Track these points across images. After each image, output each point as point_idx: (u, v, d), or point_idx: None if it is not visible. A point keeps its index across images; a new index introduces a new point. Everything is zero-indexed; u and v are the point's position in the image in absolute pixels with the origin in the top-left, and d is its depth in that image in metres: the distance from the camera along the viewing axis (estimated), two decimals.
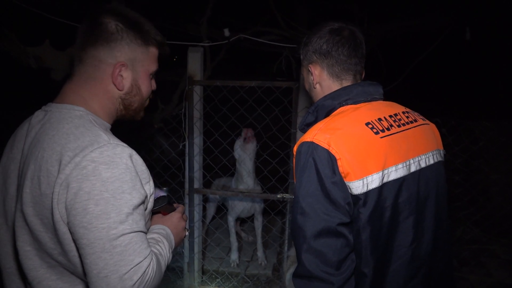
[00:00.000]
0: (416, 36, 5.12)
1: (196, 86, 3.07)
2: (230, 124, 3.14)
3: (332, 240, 1.18)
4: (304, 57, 1.45)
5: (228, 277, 3.56)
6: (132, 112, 1.24)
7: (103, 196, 0.97)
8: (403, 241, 1.28)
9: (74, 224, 0.97)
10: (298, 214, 1.22)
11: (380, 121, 1.30)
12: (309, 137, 1.25)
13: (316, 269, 1.16)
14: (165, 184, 3.27)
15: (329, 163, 1.19)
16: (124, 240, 0.98)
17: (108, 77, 1.14)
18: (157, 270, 1.06)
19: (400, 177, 1.26)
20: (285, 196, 3.03)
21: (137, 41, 1.16)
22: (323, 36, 1.38)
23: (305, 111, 2.96)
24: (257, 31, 3.64)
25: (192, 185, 3.18)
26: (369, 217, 1.22)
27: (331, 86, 1.41)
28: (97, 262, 0.96)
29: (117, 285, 0.96)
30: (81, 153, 0.99)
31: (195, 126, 3.11)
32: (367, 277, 1.24)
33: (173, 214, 1.31)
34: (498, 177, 3.82)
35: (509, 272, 3.67)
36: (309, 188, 1.20)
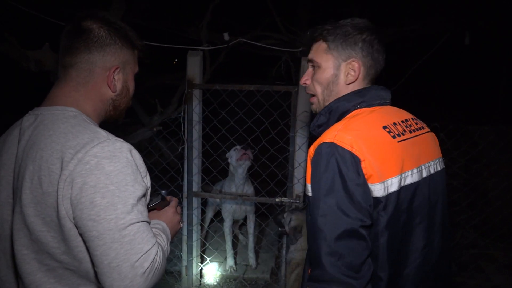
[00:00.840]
0: (415, 40, 5.14)
1: (195, 89, 3.07)
2: (229, 127, 3.15)
3: (354, 242, 1.16)
4: (343, 47, 1.35)
5: (226, 280, 3.55)
6: (119, 112, 1.29)
7: (109, 189, 1.00)
8: (416, 245, 1.29)
9: (81, 218, 1.00)
10: (318, 216, 1.19)
11: (395, 125, 1.30)
12: (329, 138, 1.22)
13: (337, 273, 1.13)
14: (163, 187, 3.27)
15: (353, 165, 1.18)
16: (132, 229, 1.01)
17: (103, 80, 1.19)
18: (163, 258, 1.09)
19: (415, 181, 1.28)
20: (284, 200, 3.03)
21: (127, 44, 1.22)
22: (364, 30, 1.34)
23: (304, 115, 2.97)
24: (256, 35, 3.66)
25: (190, 188, 3.19)
26: (388, 221, 1.22)
27: (355, 87, 1.38)
28: (108, 253, 0.99)
29: (129, 273, 0.99)
30: (83, 149, 1.02)
31: (194, 129, 3.12)
32: (382, 281, 1.24)
33: (167, 208, 1.33)
34: (497, 181, 3.82)
35: (508, 277, 3.66)
36: (331, 189, 1.18)
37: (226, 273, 3.69)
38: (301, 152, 3.03)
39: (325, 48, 1.37)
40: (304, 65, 2.97)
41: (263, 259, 4.00)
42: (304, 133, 3.02)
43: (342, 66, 1.36)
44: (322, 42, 1.38)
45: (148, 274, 1.02)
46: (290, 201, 3.03)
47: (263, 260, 4.00)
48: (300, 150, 3.02)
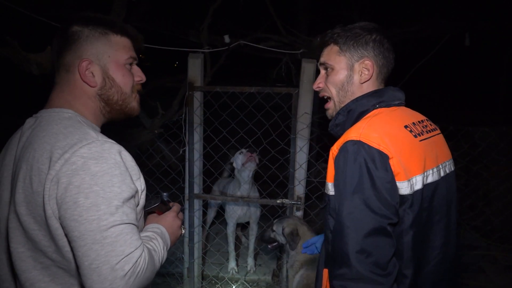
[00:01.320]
0: (416, 42, 5.15)
1: (196, 92, 3.08)
2: (230, 130, 3.16)
3: (382, 240, 1.16)
4: (354, 48, 1.38)
5: (228, 282, 3.56)
6: (117, 106, 1.24)
7: (93, 189, 1.00)
8: (436, 243, 1.31)
9: (65, 218, 1.00)
10: (345, 214, 1.19)
11: (415, 125, 1.33)
12: (354, 136, 1.23)
13: (366, 270, 1.13)
14: (165, 190, 3.28)
15: (382, 162, 1.18)
16: (115, 231, 1.00)
17: (79, 77, 1.17)
18: (149, 262, 1.07)
19: (435, 180, 1.30)
20: (285, 202, 3.03)
21: (95, 34, 1.17)
22: (374, 31, 1.37)
23: (304, 116, 2.98)
24: (257, 38, 3.67)
25: (192, 190, 3.19)
26: (414, 219, 1.23)
27: (369, 87, 1.40)
28: (89, 254, 0.97)
29: (109, 276, 0.97)
30: (70, 150, 1.02)
31: (195, 131, 3.13)
32: (407, 278, 1.25)
33: (168, 213, 1.32)
34: (497, 183, 3.83)
35: (510, 278, 3.66)
36: (358, 187, 1.18)
37: (227, 275, 3.69)
38: (302, 154, 3.04)
39: (337, 50, 1.40)
40: (304, 67, 2.98)
41: (265, 261, 4.00)
42: (305, 134, 3.03)
43: (355, 66, 1.39)
44: (333, 45, 1.41)
45: (129, 277, 0.99)
46: (291, 203, 3.03)
47: (265, 261, 4.00)
48: (301, 152, 3.03)
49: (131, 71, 1.26)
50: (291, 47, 3.67)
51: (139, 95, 1.31)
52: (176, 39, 3.99)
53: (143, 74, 1.30)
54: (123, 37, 1.22)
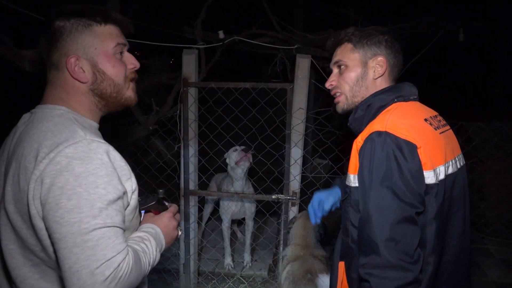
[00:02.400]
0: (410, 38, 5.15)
1: (190, 88, 3.08)
2: (225, 125, 3.16)
3: (410, 228, 1.18)
4: (368, 45, 1.43)
5: (224, 278, 3.57)
6: (112, 99, 1.20)
7: (76, 191, 0.97)
8: (455, 232, 1.35)
9: (47, 219, 0.98)
10: (373, 203, 1.21)
11: (432, 119, 1.37)
12: (380, 127, 1.26)
13: (395, 258, 1.15)
14: (160, 186, 3.28)
15: (410, 152, 1.21)
16: (96, 234, 0.97)
17: (69, 74, 1.14)
18: (134, 266, 1.04)
19: (454, 171, 1.35)
20: (280, 197, 3.04)
21: (78, 27, 1.13)
22: (386, 33, 1.44)
23: (299, 112, 2.99)
24: (251, 33, 3.66)
25: (187, 186, 3.20)
26: (438, 208, 1.26)
27: (382, 84, 1.44)
28: (69, 257, 0.95)
29: (88, 280, 0.95)
30: (56, 149, 1.00)
31: (190, 128, 3.13)
32: (431, 265, 1.27)
33: (164, 213, 1.29)
34: (491, 177, 3.85)
35: (504, 271, 3.69)
36: (386, 176, 1.20)
37: (223, 271, 3.70)
38: (297, 149, 3.05)
39: (351, 48, 1.46)
40: (299, 62, 2.99)
41: (261, 256, 4.02)
42: (300, 130, 3.03)
43: (369, 63, 1.44)
44: (347, 43, 1.47)
45: (110, 282, 0.97)
46: (286, 198, 3.04)
47: (261, 257, 4.01)
48: (296, 147, 3.03)
49: (122, 60, 1.21)
50: (286, 43, 3.66)
51: (135, 83, 1.26)
52: (171, 35, 3.97)
53: (136, 61, 1.24)
54: (107, 25, 1.17)
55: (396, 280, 1.13)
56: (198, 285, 3.46)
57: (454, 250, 1.35)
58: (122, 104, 1.24)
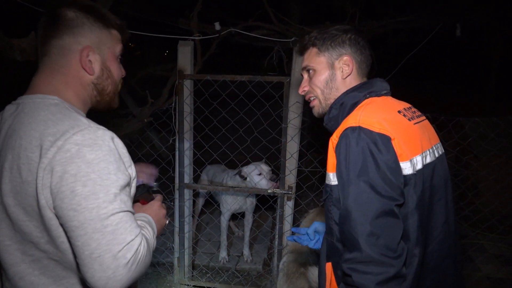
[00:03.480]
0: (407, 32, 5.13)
1: (186, 80, 3.04)
2: (220, 119, 3.12)
3: (390, 221, 1.17)
4: (332, 47, 1.45)
5: (219, 272, 3.55)
6: (106, 97, 1.24)
7: (90, 177, 0.97)
8: (438, 221, 1.35)
9: (62, 208, 0.97)
10: (351, 199, 1.21)
11: (406, 110, 1.38)
12: (354, 122, 1.26)
13: (377, 253, 1.14)
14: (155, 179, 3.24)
15: (384, 144, 1.21)
16: (115, 219, 0.98)
17: (77, 63, 1.15)
18: (148, 250, 1.06)
19: (433, 160, 1.35)
20: (276, 191, 3.02)
21: (98, 24, 1.17)
22: (350, 31, 1.45)
23: (296, 106, 2.96)
24: (248, 26, 3.62)
25: (182, 180, 3.17)
26: (418, 199, 1.26)
27: (352, 82, 1.46)
28: (89, 243, 0.95)
29: (111, 264, 0.95)
30: (63, 137, 0.99)
31: (185, 120, 3.09)
32: (416, 257, 1.26)
33: (153, 202, 1.31)
34: (487, 173, 3.85)
35: (497, 267, 3.71)
36: (363, 171, 1.20)
37: (218, 265, 3.69)
38: (293, 143, 3.03)
39: (316, 52, 1.47)
40: (296, 55, 2.95)
41: (256, 250, 4.01)
42: (296, 124, 3.01)
43: (335, 64, 1.46)
44: (312, 48, 1.49)
45: (132, 265, 0.98)
46: (282, 192, 3.02)
47: (256, 251, 4.00)
48: (292, 141, 3.01)
49: (119, 64, 1.27)
50: (283, 35, 3.63)
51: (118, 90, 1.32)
52: (166, 26, 3.92)
53: (124, 70, 1.30)
54: (117, 30, 1.23)
55: (378, 275, 1.13)
56: (193, 278, 3.44)
57: (439, 239, 1.35)
58: (109, 105, 1.28)
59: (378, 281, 1.13)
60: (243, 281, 3.46)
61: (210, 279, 3.45)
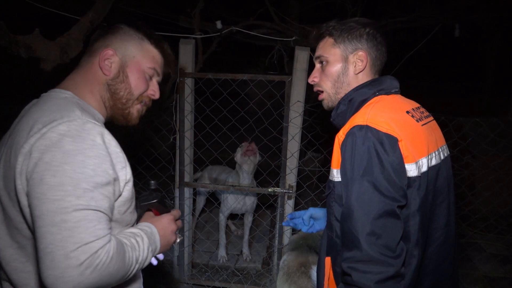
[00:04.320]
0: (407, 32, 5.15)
1: (187, 78, 3.03)
2: (221, 117, 3.12)
3: (391, 222, 1.17)
4: (349, 40, 1.41)
5: (218, 270, 3.55)
6: (120, 104, 1.21)
7: (62, 168, 0.93)
8: (439, 224, 1.35)
9: (30, 195, 0.95)
10: (354, 198, 1.20)
11: (414, 111, 1.37)
12: (361, 120, 1.25)
13: (376, 252, 1.14)
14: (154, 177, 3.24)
15: (391, 145, 1.20)
16: (77, 216, 0.92)
17: (97, 61, 1.18)
18: (115, 257, 0.97)
19: (438, 163, 1.34)
20: (276, 190, 3.02)
21: (131, 34, 1.21)
22: (368, 25, 1.41)
23: (297, 105, 2.96)
24: (249, 24, 3.62)
25: (182, 178, 3.16)
26: (421, 201, 1.25)
27: (364, 78, 1.43)
28: (45, 236, 0.90)
29: (61, 263, 0.89)
30: (49, 125, 0.98)
31: (186, 119, 3.09)
32: (415, 258, 1.27)
33: (165, 215, 1.26)
34: (485, 173, 3.88)
35: (494, 266, 3.74)
36: (367, 170, 1.19)
37: (217, 263, 3.69)
38: (294, 142, 3.03)
39: (332, 42, 1.43)
40: (297, 54, 2.95)
41: (255, 249, 4.01)
42: (297, 123, 3.01)
43: (349, 58, 1.42)
44: (328, 37, 1.44)
45: (86, 268, 0.90)
46: (282, 191, 3.03)
47: (255, 250, 4.01)
48: (293, 140, 3.01)
49: (148, 82, 1.25)
50: (284, 34, 3.63)
51: (143, 109, 1.29)
52: (167, 24, 3.91)
53: (158, 92, 1.28)
54: (156, 49, 1.25)
55: (378, 274, 1.14)
56: (192, 277, 3.44)
57: (439, 242, 1.35)
58: (124, 116, 1.25)
59: (377, 280, 1.13)
60: (242, 279, 3.46)
61: (210, 278, 3.45)
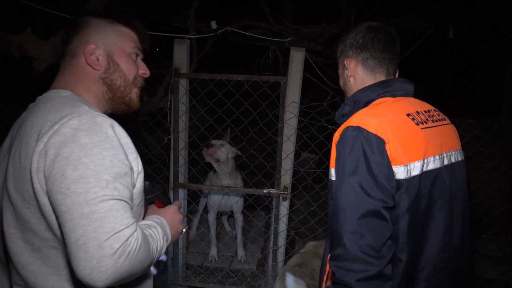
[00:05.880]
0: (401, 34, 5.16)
1: (182, 79, 3.01)
2: (216, 118, 3.10)
3: (376, 222, 1.19)
4: (340, 53, 1.55)
5: (213, 272, 3.53)
6: (119, 93, 1.23)
7: (82, 161, 0.94)
8: (436, 230, 1.34)
9: (52, 191, 0.95)
10: (342, 196, 1.23)
11: (418, 114, 1.38)
12: (355, 122, 1.28)
13: (359, 251, 1.16)
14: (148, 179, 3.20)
15: (378, 147, 1.23)
16: (104, 206, 0.94)
17: (83, 61, 1.18)
18: (143, 245, 1.00)
19: (436, 168, 1.34)
20: (271, 191, 3.01)
21: (103, 23, 1.21)
22: (360, 32, 1.48)
23: (292, 106, 2.95)
24: (244, 25, 3.61)
25: (177, 179, 3.14)
26: (410, 204, 1.26)
27: (364, 79, 1.48)
28: (76, 229, 0.91)
29: (96, 253, 0.90)
30: (60, 121, 0.99)
31: (180, 119, 3.07)
32: (402, 262, 1.28)
33: (170, 206, 1.30)
34: (480, 174, 3.89)
35: (489, 267, 3.74)
36: (355, 170, 1.22)
37: (212, 265, 3.67)
38: (289, 144, 3.02)
39: (338, 56, 1.59)
40: (293, 55, 2.94)
41: (250, 250, 4.00)
42: (293, 124, 3.00)
43: (343, 66, 1.55)
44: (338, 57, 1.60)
45: (119, 257, 0.92)
46: (278, 192, 3.01)
47: (250, 251, 3.99)
48: (288, 141, 3.00)
49: (135, 62, 1.26)
50: (278, 35, 3.62)
51: (139, 90, 1.31)
52: (162, 24, 3.89)
53: (147, 69, 1.30)
54: (130, 29, 1.25)
55: (360, 273, 1.16)
56: (186, 279, 3.42)
57: (436, 249, 1.34)
58: (125, 103, 1.27)
59: (358, 279, 1.16)
60: (237, 281, 3.44)
61: (204, 280, 3.43)
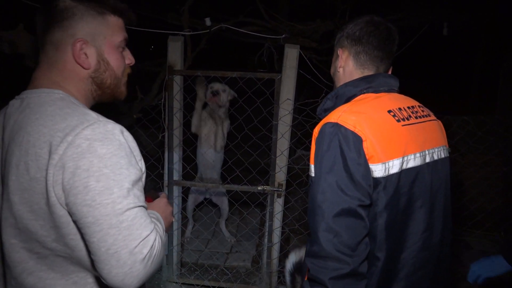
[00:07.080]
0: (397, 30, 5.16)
1: (176, 76, 3.00)
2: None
3: (351, 221, 1.19)
4: (337, 41, 1.51)
5: (207, 269, 3.53)
6: (109, 90, 1.20)
7: (103, 172, 0.96)
8: (416, 229, 1.33)
9: (75, 204, 0.95)
10: (318, 193, 1.23)
11: (400, 110, 1.35)
12: (333, 118, 1.26)
13: (333, 249, 1.17)
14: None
15: (355, 144, 1.21)
16: (130, 214, 0.97)
17: (71, 57, 1.11)
18: (161, 245, 1.05)
19: (417, 165, 1.31)
20: (266, 188, 3.01)
21: (90, 12, 1.11)
22: (360, 23, 1.44)
23: (287, 103, 2.95)
24: (239, 22, 3.59)
25: (171, 177, 3.13)
26: (387, 202, 1.25)
27: (353, 73, 1.45)
28: (106, 239, 0.94)
29: (128, 260, 0.95)
30: (72, 132, 0.97)
31: (175, 117, 3.06)
32: (379, 261, 1.27)
33: (160, 200, 1.31)
34: (473, 170, 3.91)
35: None
36: (332, 168, 1.21)
37: (207, 262, 3.67)
38: (284, 141, 3.02)
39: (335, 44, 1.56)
40: (287, 52, 2.94)
41: (244, 247, 4.00)
42: (287, 121, 2.99)
43: (336, 55, 1.51)
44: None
45: (148, 260, 0.98)
46: (272, 189, 3.01)
47: (244, 248, 3.99)
48: (282, 139, 3.00)
49: (122, 54, 1.21)
50: (273, 32, 3.61)
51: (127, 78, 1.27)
52: (156, 21, 3.87)
53: (132, 57, 1.26)
54: (118, 17, 1.17)
55: (333, 270, 1.16)
56: (181, 276, 3.42)
57: (416, 247, 1.33)
58: (114, 96, 1.24)
59: (332, 276, 1.16)
60: (232, 278, 3.45)
61: (199, 277, 3.43)
